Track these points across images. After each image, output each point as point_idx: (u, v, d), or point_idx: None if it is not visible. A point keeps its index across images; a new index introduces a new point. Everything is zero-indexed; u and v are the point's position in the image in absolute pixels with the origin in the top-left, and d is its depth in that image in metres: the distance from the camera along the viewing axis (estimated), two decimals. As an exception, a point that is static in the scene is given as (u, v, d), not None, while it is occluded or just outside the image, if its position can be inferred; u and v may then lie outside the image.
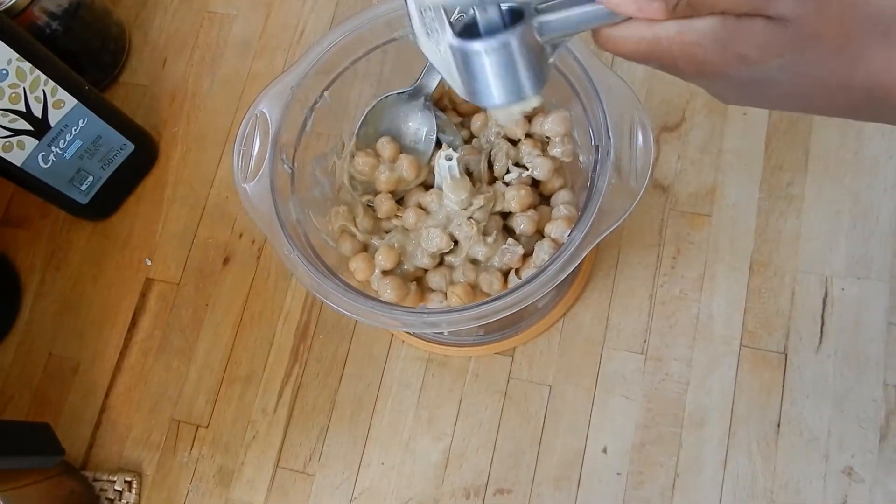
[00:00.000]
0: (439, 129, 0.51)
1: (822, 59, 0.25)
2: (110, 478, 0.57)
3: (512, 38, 0.27)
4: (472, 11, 0.29)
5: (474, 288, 0.48)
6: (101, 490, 0.57)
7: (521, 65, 0.28)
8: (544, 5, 0.28)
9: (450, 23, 0.29)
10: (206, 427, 0.58)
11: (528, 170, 0.49)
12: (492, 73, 0.28)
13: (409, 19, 0.31)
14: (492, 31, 0.28)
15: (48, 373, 0.62)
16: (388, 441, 0.55)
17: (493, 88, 0.29)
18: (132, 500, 0.57)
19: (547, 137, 0.49)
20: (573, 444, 0.53)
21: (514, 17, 0.29)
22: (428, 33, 0.30)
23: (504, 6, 0.28)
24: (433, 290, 0.49)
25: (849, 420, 0.49)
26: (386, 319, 0.43)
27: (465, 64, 0.29)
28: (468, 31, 0.29)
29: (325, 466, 0.55)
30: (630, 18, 0.26)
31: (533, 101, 0.31)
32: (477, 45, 0.28)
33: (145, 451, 0.59)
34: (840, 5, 0.24)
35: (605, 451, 0.52)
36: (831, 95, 0.26)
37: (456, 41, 0.28)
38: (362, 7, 0.67)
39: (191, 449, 0.58)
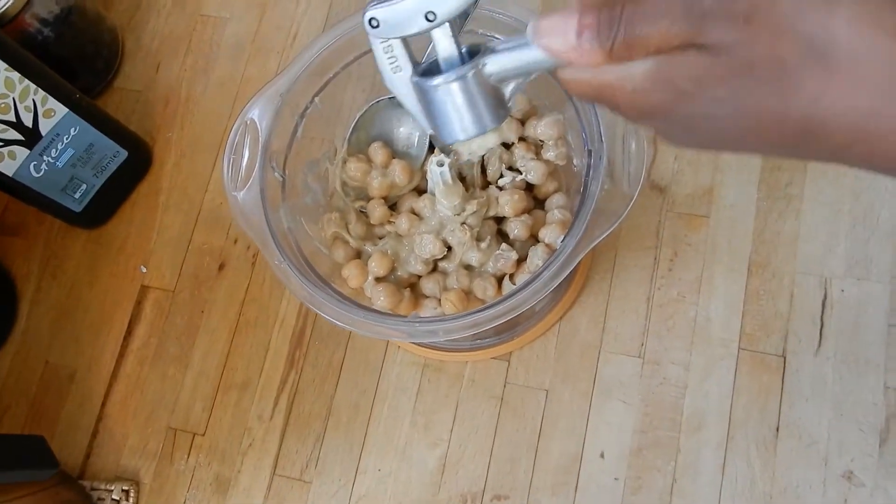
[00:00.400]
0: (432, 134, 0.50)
1: (756, 90, 0.24)
2: (108, 487, 0.57)
3: (468, 72, 0.28)
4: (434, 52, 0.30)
5: (468, 294, 0.48)
6: (99, 499, 0.57)
7: (480, 99, 0.30)
8: (499, 45, 0.29)
9: (414, 63, 0.31)
10: (203, 435, 0.58)
11: (521, 174, 0.49)
12: (451, 107, 0.30)
13: (376, 59, 0.32)
14: (450, 69, 0.29)
15: (45, 381, 0.62)
16: (385, 447, 0.55)
17: (454, 123, 0.30)
18: (130, 509, 0.56)
19: (540, 141, 0.49)
20: (570, 450, 0.52)
21: (473, 55, 0.30)
22: (393, 71, 0.32)
23: (463, 48, 0.30)
24: (427, 297, 0.49)
25: (849, 423, 0.49)
26: (380, 329, 0.43)
27: (426, 100, 0.30)
28: (431, 71, 0.30)
29: (321, 474, 0.55)
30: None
31: (494, 136, 0.33)
32: (435, 80, 0.29)
33: (142, 460, 0.58)
34: (772, 31, 0.23)
35: (602, 456, 0.52)
36: (769, 131, 0.25)
37: (416, 78, 0.30)
38: (356, 7, 0.67)
39: (187, 457, 0.58)
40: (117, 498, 0.57)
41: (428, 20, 0.29)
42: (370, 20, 0.31)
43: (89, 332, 0.63)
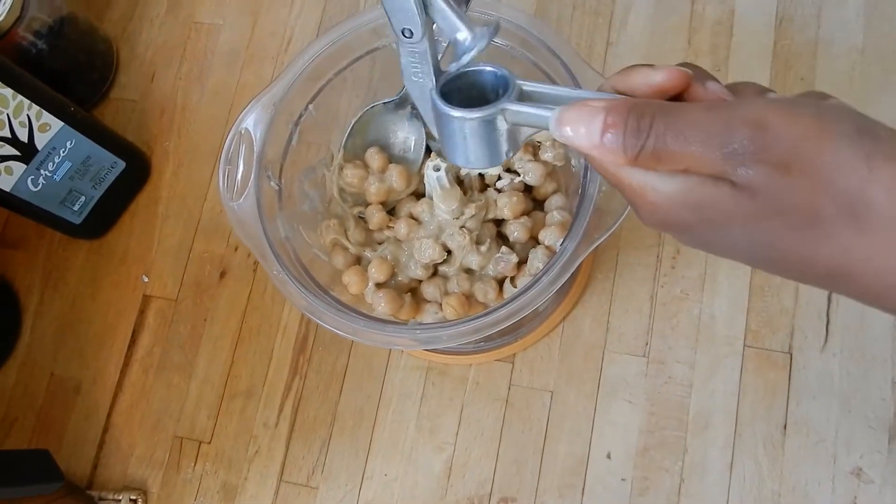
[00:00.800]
0: (429, 137, 0.50)
1: (786, 234, 0.24)
2: (115, 496, 0.57)
3: (488, 115, 0.28)
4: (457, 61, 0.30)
5: (469, 298, 0.47)
6: (107, 510, 0.57)
7: (493, 139, 0.29)
8: (528, 86, 0.28)
9: (437, 72, 0.30)
10: (209, 443, 0.58)
11: (519, 175, 0.48)
12: (464, 138, 0.29)
13: (401, 62, 0.32)
14: (475, 95, 0.29)
15: (51, 393, 0.62)
16: (391, 452, 0.55)
17: (463, 152, 0.29)
18: (138, 519, 0.57)
19: (538, 142, 0.48)
20: (576, 451, 0.52)
21: (500, 81, 0.29)
22: (415, 76, 0.31)
23: (490, 68, 0.29)
24: (428, 301, 0.48)
25: (857, 420, 0.48)
26: (382, 337, 0.42)
27: (441, 121, 0.29)
28: (452, 89, 0.30)
29: (328, 479, 0.55)
30: None
31: (500, 167, 0.32)
32: (455, 112, 0.28)
33: (149, 469, 0.58)
34: (811, 183, 0.23)
35: (608, 456, 0.51)
36: (793, 266, 0.25)
37: (438, 100, 0.29)
38: (349, 11, 0.66)
39: (194, 465, 0.58)
40: (125, 508, 0.57)
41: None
42: (403, 30, 0.30)
43: (93, 343, 0.63)
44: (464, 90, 0.30)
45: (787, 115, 0.23)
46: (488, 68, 0.29)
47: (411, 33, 0.29)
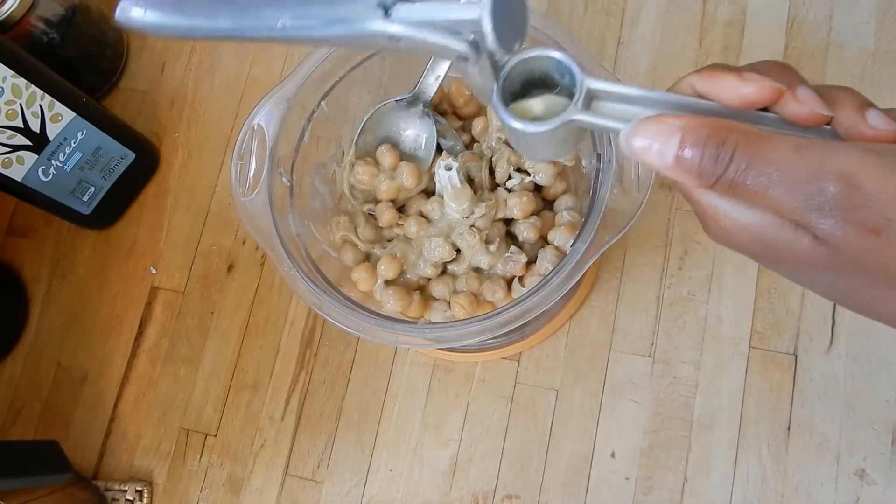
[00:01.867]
0: (440, 135, 0.50)
1: (864, 288, 0.24)
2: (121, 487, 0.58)
3: (555, 126, 0.27)
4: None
5: (477, 297, 0.48)
6: (113, 499, 0.57)
7: (559, 141, 0.28)
8: (596, 84, 0.27)
9: (496, 75, 0.29)
10: (215, 435, 0.58)
11: (530, 175, 0.48)
12: (534, 142, 0.28)
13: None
14: (537, 77, 0.28)
15: (57, 383, 0.63)
16: (396, 447, 0.55)
17: (527, 149, 0.29)
18: (144, 509, 0.57)
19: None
20: (581, 449, 0.52)
21: (564, 72, 0.28)
22: (479, 73, 0.30)
23: (557, 55, 0.28)
24: (436, 300, 0.49)
25: (861, 422, 0.49)
26: (389, 335, 0.43)
27: (512, 132, 0.29)
28: (516, 69, 0.28)
29: (333, 474, 0.56)
30: None
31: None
32: (518, 125, 0.27)
33: (155, 460, 0.59)
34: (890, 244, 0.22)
35: (613, 455, 0.52)
36: (863, 310, 0.25)
37: (502, 113, 0.28)
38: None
39: (200, 457, 0.58)
40: (131, 498, 0.57)
41: None
42: (458, 57, 0.29)
43: (101, 334, 0.63)
44: (525, 73, 0.29)
45: (883, 172, 0.22)
46: (554, 56, 0.28)
47: (467, 59, 0.28)
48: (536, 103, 0.29)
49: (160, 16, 0.27)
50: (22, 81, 0.51)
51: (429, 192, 0.51)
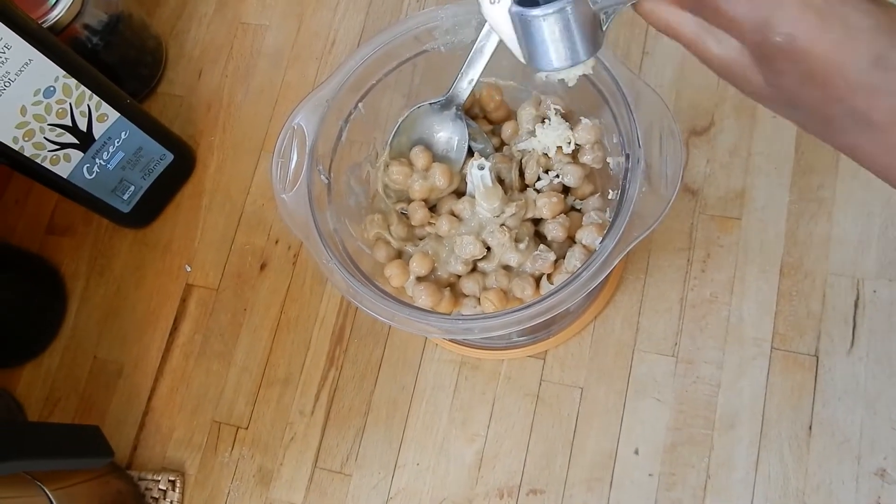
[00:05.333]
0: (471, 138, 0.52)
1: (796, 113, 0.30)
2: (154, 477, 0.59)
3: (567, 5, 0.29)
4: None
5: (507, 293, 0.49)
6: (146, 489, 0.59)
7: (577, 31, 0.30)
8: None
9: None
10: (246, 428, 0.60)
11: (559, 177, 0.50)
12: (549, 38, 0.31)
13: None
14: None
15: (94, 376, 0.65)
16: (423, 442, 0.56)
17: (550, 53, 0.31)
18: (176, 499, 0.59)
19: (577, 145, 0.50)
20: (605, 446, 0.53)
21: None
22: (491, 2, 0.32)
23: None
24: (466, 296, 0.50)
25: (881, 422, 0.50)
26: (421, 325, 0.44)
27: (524, 29, 0.31)
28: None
29: (361, 467, 0.57)
30: None
31: (588, 65, 0.33)
32: (535, 11, 0.30)
33: (188, 452, 0.60)
34: (824, 95, 0.28)
35: (636, 452, 0.53)
36: (815, 133, 0.30)
37: (515, 7, 0.30)
38: (391, 15, 0.69)
39: (231, 449, 0.60)
40: (164, 488, 0.59)
41: None
42: None
43: (136, 329, 0.65)
44: None
45: (817, 34, 0.27)
46: None
47: None
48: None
49: None
50: (72, 81, 0.54)
51: (459, 193, 0.52)
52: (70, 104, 0.54)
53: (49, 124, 0.54)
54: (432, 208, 0.52)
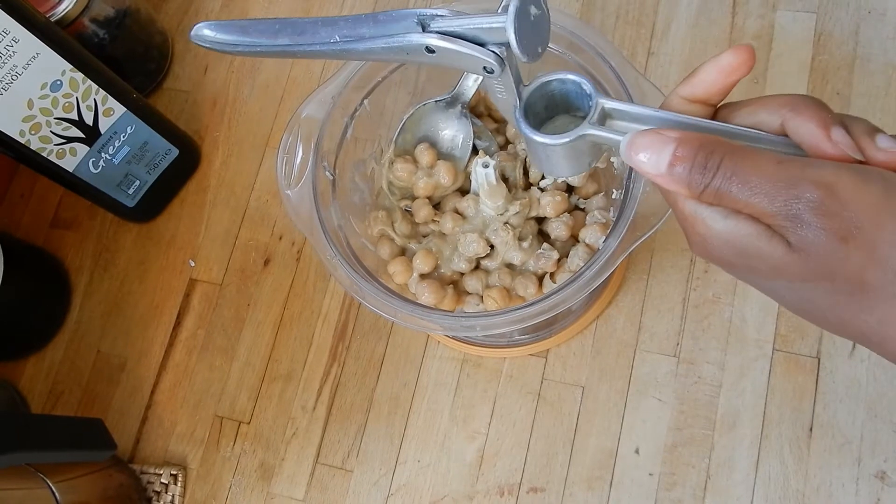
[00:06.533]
0: (475, 136, 0.52)
1: (829, 297, 0.26)
2: (157, 471, 0.60)
3: (571, 140, 0.30)
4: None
5: (509, 292, 0.49)
6: (148, 483, 0.59)
7: (576, 155, 0.31)
8: (610, 104, 0.30)
9: (519, 86, 0.32)
10: (248, 423, 0.60)
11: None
12: (549, 157, 0.31)
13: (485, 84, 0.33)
14: (559, 101, 0.31)
15: (97, 369, 0.65)
16: (424, 439, 0.57)
17: (548, 166, 0.32)
18: (177, 493, 0.59)
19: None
20: (605, 445, 0.53)
21: (582, 96, 0.31)
22: (498, 94, 0.33)
23: (572, 76, 0.31)
24: (469, 294, 0.50)
25: (882, 424, 0.50)
26: (424, 322, 0.44)
27: (528, 143, 0.31)
28: (538, 92, 0.32)
29: (362, 463, 0.57)
30: None
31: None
32: (539, 138, 0.30)
33: (190, 446, 0.61)
34: (866, 256, 0.24)
35: (637, 451, 0.53)
36: (829, 323, 0.27)
37: (523, 127, 0.31)
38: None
39: (233, 444, 0.60)
40: (166, 482, 0.59)
41: None
42: (484, 68, 0.32)
43: (139, 323, 0.65)
44: (547, 97, 0.32)
45: (857, 184, 0.24)
46: (571, 78, 0.31)
47: (492, 71, 0.31)
48: (558, 127, 0.32)
49: (228, 37, 0.32)
50: (79, 76, 0.54)
51: (463, 191, 0.52)
52: (77, 98, 0.54)
53: (55, 118, 0.54)
54: (436, 206, 0.52)
